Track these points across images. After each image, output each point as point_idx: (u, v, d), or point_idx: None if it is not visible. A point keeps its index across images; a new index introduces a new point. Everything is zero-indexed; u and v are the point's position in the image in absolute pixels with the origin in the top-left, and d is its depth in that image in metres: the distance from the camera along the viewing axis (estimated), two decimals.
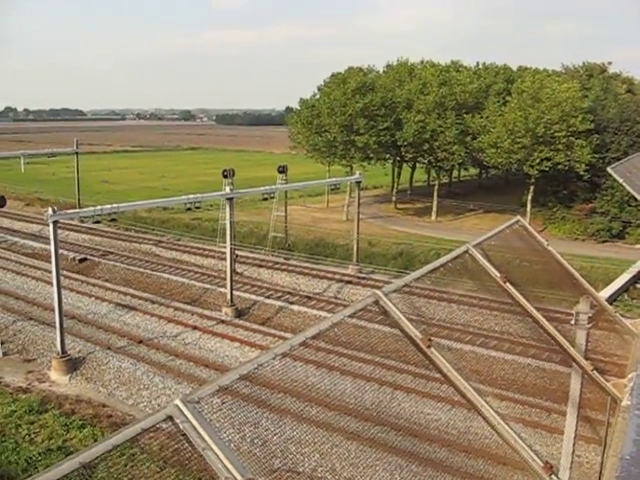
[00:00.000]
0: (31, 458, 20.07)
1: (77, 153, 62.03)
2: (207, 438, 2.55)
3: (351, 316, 3.63)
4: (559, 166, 54.62)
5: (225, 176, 39.23)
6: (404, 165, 72.38)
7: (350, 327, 3.80)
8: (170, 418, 2.54)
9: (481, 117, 60.22)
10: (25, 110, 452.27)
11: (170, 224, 54.34)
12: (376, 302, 3.92)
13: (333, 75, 66.98)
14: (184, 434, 2.54)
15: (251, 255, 43.70)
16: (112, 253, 45.74)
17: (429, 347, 4.00)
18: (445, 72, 64.53)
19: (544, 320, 5.80)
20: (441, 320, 29.64)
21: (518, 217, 6.90)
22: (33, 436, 21.76)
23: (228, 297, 33.99)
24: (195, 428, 2.53)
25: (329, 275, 39.21)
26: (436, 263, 4.84)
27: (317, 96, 67.54)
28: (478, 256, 5.31)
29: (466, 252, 5.30)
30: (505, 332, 27.77)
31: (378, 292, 3.98)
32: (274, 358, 2.91)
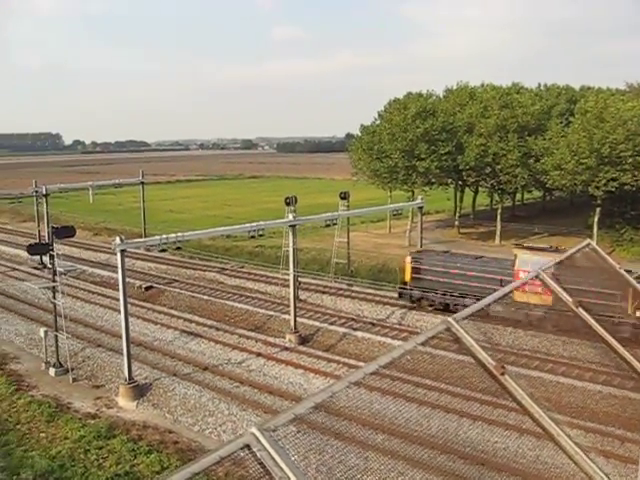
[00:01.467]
0: None
1: (143, 183, 63.43)
2: (284, 467, 2.54)
3: (423, 344, 3.59)
4: (626, 186, 53.29)
5: (288, 203, 39.55)
6: (466, 189, 71.79)
7: (416, 354, 3.77)
8: (247, 446, 2.55)
9: (544, 139, 59.31)
10: (93, 143, 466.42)
11: (234, 252, 54.86)
12: (448, 329, 3.87)
13: (393, 101, 67.01)
14: (261, 462, 2.53)
15: (314, 282, 43.73)
16: (177, 281, 46.42)
17: (503, 374, 3.93)
18: (506, 94, 63.91)
19: (618, 345, 5.65)
20: (509, 346, 29.06)
21: (588, 240, 6.76)
22: (101, 461, 22.06)
23: (292, 324, 34.05)
24: (272, 457, 2.52)
25: (392, 301, 38.87)
26: (506, 289, 4.77)
27: (377, 122, 67.65)
28: (549, 281, 5.22)
29: (537, 277, 5.21)
30: (574, 358, 27.12)
31: (450, 319, 3.93)
32: (348, 387, 2.89)
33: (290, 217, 34.64)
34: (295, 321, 34.08)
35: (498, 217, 63.33)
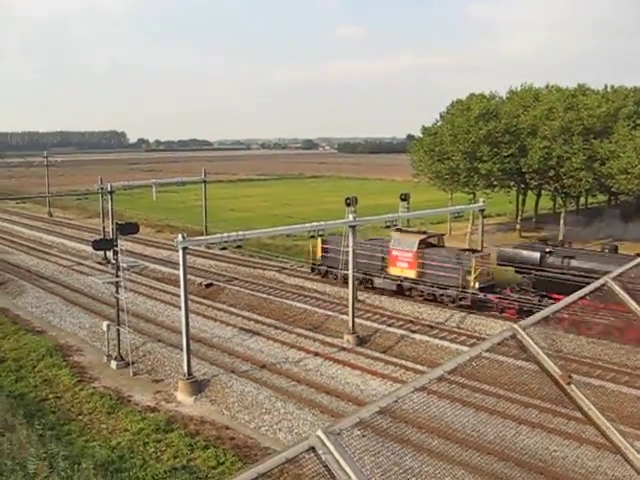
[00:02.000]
0: (157, 475, 20.62)
1: (205, 182, 64.30)
2: (349, 471, 2.54)
3: (488, 350, 3.55)
4: None
5: (348, 204, 39.54)
6: (529, 192, 70.71)
7: (478, 360, 3.73)
8: (312, 449, 2.55)
9: (610, 142, 57.99)
10: (156, 141, 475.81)
11: (293, 251, 55.00)
12: (513, 336, 3.82)
13: (456, 102, 66.45)
14: (326, 466, 2.54)
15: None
16: (237, 279, 46.84)
17: (569, 384, 3.86)
18: (571, 96, 62.69)
19: None
20: (571, 353, 28.52)
21: None
22: (159, 454, 22.40)
23: (350, 324, 34.03)
24: (337, 460, 2.52)
25: (451, 304, 38.42)
26: (574, 296, 4.68)
27: (439, 123, 67.15)
28: (617, 289, 5.09)
29: (604, 285, 5.10)
30: (637, 367, 26.45)
31: (515, 326, 3.88)
32: (413, 392, 2.87)
33: (350, 217, 34.64)
34: (353, 322, 34.05)
35: (561, 221, 62.18)
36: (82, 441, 23.37)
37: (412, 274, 39.61)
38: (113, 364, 31.41)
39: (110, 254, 38.29)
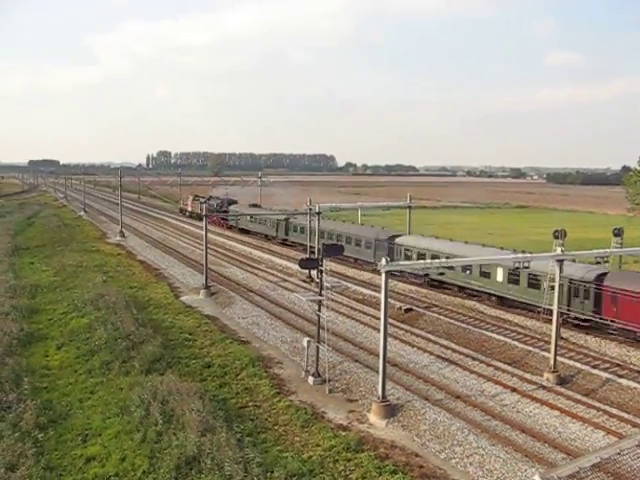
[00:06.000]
0: None
1: (409, 207, 64.65)
2: None
3: None
4: None
5: (556, 237, 38.18)
6: None
7: None
8: None
9: None
10: (363, 165, 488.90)
11: None
12: None
13: None
14: None
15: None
16: (436, 306, 46.54)
17: None
18: None
19: None
20: None
21: None
22: (348, 473, 22.53)
23: (551, 362, 32.60)
24: None
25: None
26: None
27: None
28: None
29: None
30: None
31: None
32: (638, 446, 2.71)
33: (558, 250, 33.34)
34: (555, 359, 32.60)
35: None
36: (276, 450, 24.15)
37: (190, 208, 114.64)
38: (310, 380, 32.23)
39: (315, 273, 39.49)
